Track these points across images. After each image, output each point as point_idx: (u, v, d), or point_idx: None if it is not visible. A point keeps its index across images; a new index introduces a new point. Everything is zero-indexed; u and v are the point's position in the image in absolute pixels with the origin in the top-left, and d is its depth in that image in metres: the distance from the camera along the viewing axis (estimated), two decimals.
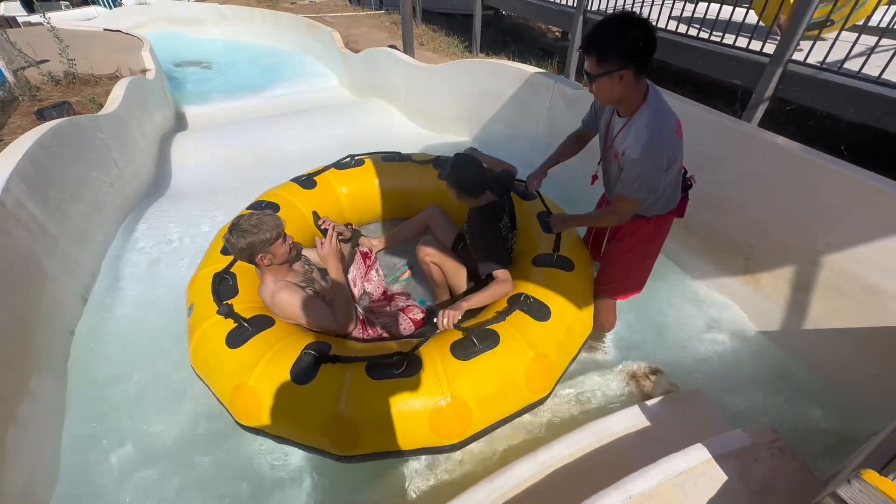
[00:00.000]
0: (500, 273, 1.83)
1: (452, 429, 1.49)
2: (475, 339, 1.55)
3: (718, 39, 3.37)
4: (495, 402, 1.54)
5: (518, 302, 1.73)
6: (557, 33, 7.71)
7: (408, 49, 5.51)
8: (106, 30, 6.87)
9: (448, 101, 4.50)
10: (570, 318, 1.75)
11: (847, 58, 2.71)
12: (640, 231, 1.68)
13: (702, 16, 3.60)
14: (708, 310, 2.36)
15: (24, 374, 1.74)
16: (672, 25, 3.76)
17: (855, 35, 2.80)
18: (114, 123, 3.34)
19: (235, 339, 1.62)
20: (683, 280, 2.54)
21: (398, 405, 1.45)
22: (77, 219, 2.51)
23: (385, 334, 1.96)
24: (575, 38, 4.57)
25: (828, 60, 2.79)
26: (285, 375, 1.50)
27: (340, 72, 6.67)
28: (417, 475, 1.59)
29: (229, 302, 1.75)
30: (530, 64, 4.42)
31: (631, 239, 1.70)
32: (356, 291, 2.21)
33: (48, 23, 4.53)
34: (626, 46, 1.28)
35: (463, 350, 1.55)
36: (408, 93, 5.02)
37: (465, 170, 1.88)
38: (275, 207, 2.31)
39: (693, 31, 3.61)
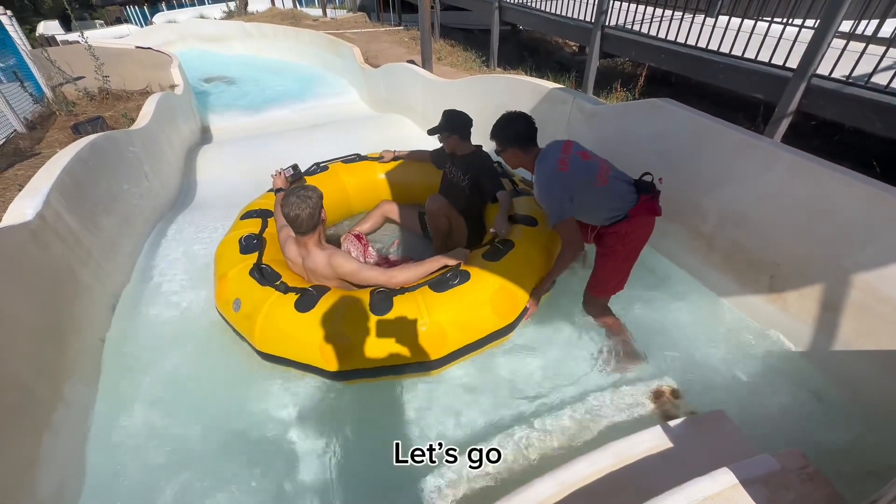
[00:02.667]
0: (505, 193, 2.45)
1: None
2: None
3: (739, 54, 3.35)
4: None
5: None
6: (575, 47, 7.74)
7: (426, 64, 5.62)
8: (137, 47, 7.17)
9: None
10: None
11: (874, 71, 2.67)
12: (620, 230, 1.93)
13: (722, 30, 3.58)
14: (732, 328, 2.31)
15: (58, 381, 1.81)
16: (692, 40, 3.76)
17: (882, 49, 2.77)
18: (145, 138, 3.48)
19: (305, 305, 1.86)
20: (706, 298, 2.49)
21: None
22: (109, 230, 2.61)
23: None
24: (593, 53, 4.59)
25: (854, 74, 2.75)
26: (366, 312, 1.82)
27: (360, 86, 6.81)
28: (437, 494, 1.59)
29: (280, 282, 2.00)
30: (547, 78, 4.45)
31: (613, 237, 1.95)
32: None
33: (86, 42, 4.77)
34: (510, 134, 1.95)
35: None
36: (426, 107, 5.10)
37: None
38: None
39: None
